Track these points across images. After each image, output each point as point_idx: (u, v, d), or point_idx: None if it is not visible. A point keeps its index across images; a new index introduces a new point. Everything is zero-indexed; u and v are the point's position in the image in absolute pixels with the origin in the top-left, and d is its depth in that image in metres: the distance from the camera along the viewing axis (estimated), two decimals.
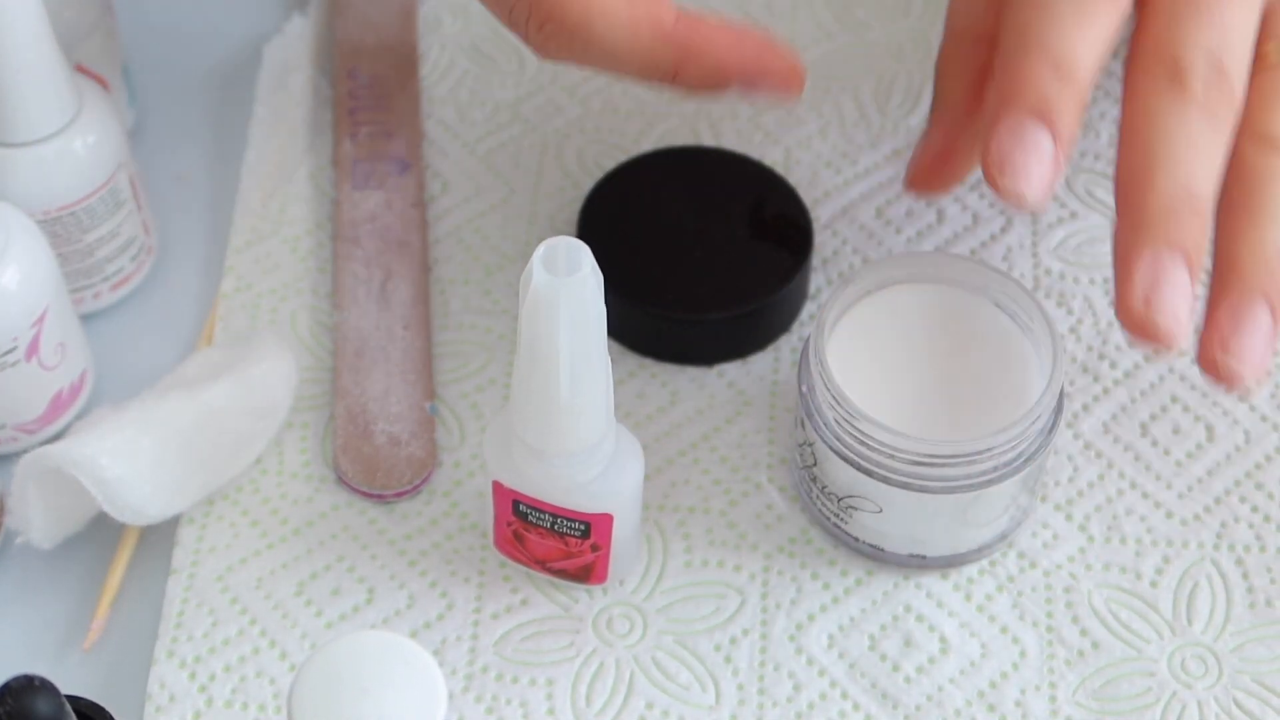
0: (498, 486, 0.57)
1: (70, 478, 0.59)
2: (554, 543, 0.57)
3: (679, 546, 0.61)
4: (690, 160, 0.67)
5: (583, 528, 0.56)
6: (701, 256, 0.64)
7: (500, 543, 0.59)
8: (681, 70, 0.55)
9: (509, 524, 0.58)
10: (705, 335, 0.64)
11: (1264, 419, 0.63)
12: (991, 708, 0.57)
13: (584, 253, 0.49)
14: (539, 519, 0.57)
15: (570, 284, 0.48)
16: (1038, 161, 0.50)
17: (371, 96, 0.71)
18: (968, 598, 0.60)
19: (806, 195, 0.67)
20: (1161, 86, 0.52)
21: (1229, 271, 0.51)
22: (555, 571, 0.59)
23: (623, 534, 0.57)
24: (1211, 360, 0.50)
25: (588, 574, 0.58)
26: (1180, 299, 0.49)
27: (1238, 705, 0.57)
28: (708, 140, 0.70)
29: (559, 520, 0.56)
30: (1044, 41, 0.51)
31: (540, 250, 0.49)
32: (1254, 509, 0.61)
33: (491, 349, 0.65)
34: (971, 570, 0.60)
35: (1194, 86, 0.51)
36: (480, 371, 0.65)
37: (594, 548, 0.57)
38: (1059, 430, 0.58)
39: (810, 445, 0.58)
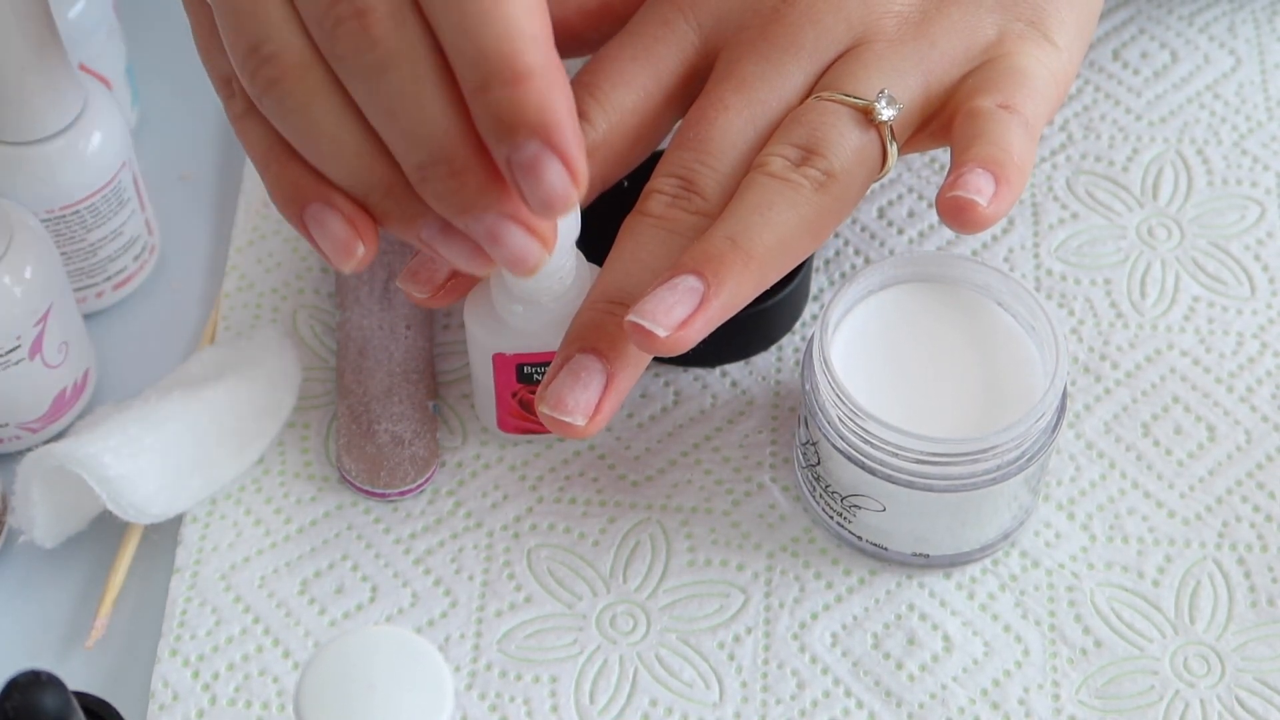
0: (499, 360, 0.59)
1: (73, 476, 0.59)
2: None
3: (682, 546, 0.61)
4: None
5: None
6: None
7: (505, 422, 0.62)
8: None
9: (514, 395, 0.60)
10: (708, 335, 0.64)
11: (1265, 419, 0.63)
12: (995, 706, 0.57)
13: None
14: (542, 374, 0.59)
15: None
16: (584, 391, 0.54)
17: None
18: (970, 597, 0.60)
19: None
20: (636, 212, 0.57)
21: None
22: None
23: None
24: (634, 327, 0.53)
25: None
26: (581, 393, 0.54)
27: (1240, 704, 0.57)
28: None
29: None
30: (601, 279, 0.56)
31: None
32: (1255, 508, 0.61)
33: None
34: (974, 569, 0.60)
35: (654, 208, 0.57)
36: None
37: None
38: (1061, 429, 0.58)
39: (814, 444, 0.58)
